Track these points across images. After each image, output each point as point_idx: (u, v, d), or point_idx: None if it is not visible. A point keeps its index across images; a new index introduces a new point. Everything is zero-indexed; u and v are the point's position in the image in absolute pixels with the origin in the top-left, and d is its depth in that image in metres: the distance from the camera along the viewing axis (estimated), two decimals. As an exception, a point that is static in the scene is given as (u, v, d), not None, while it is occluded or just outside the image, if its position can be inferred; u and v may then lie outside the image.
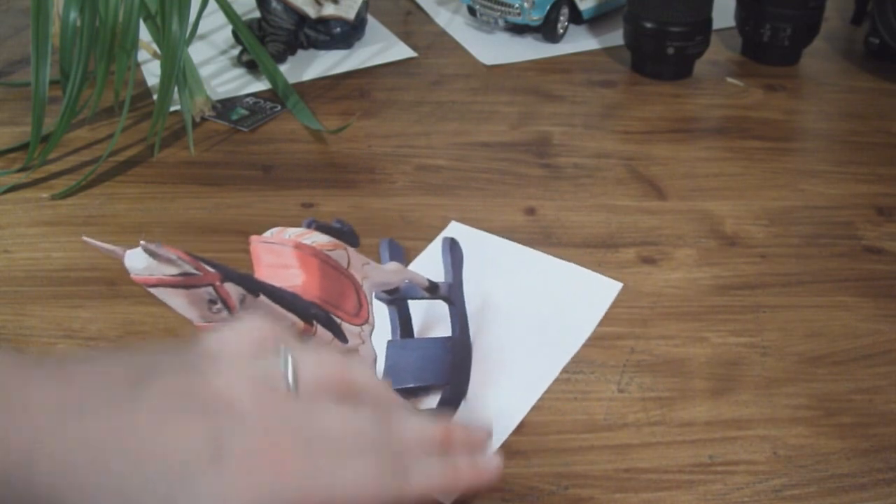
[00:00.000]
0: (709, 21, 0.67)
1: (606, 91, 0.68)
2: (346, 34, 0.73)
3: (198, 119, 0.63)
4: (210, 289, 0.28)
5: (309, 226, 0.35)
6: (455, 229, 0.51)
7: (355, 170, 0.57)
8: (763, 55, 0.71)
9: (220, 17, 0.74)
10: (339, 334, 0.33)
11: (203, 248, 0.49)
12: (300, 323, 0.31)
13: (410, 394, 0.39)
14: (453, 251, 0.47)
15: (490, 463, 0.30)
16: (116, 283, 0.47)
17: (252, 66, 0.70)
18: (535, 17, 0.73)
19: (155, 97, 0.64)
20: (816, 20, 0.69)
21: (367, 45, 0.75)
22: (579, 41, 0.76)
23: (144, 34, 0.66)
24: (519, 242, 0.49)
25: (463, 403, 0.39)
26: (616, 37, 0.74)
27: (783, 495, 0.35)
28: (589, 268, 0.47)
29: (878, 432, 0.38)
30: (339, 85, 0.69)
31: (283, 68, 0.70)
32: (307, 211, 0.52)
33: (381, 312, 0.41)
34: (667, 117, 0.64)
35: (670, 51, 0.66)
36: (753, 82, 0.68)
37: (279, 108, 0.65)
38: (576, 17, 0.77)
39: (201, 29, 0.74)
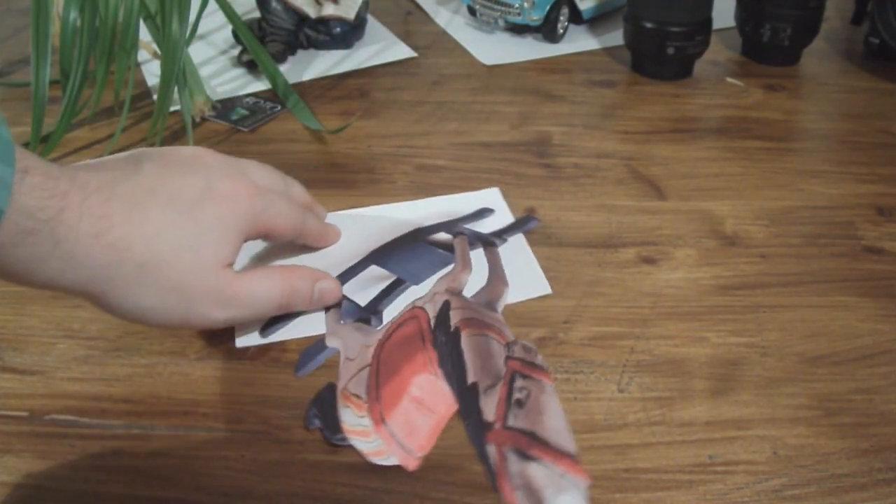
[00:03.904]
0: (709, 21, 0.67)
1: (606, 91, 0.68)
2: (346, 34, 0.74)
3: (198, 119, 0.63)
4: None
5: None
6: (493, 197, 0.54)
7: (355, 170, 0.57)
8: (763, 55, 0.71)
9: (220, 17, 0.74)
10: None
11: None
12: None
13: None
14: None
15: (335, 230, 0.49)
16: (116, 283, 0.47)
17: (252, 66, 0.70)
18: (535, 17, 0.73)
19: (155, 97, 0.64)
20: (816, 20, 0.69)
21: (367, 45, 0.75)
22: (579, 41, 0.76)
23: (144, 34, 0.66)
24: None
25: None
26: (616, 37, 0.74)
27: (783, 495, 0.35)
28: (589, 267, 0.47)
29: (878, 432, 0.38)
30: (339, 85, 0.69)
31: (283, 68, 0.70)
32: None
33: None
34: (667, 117, 0.64)
35: (670, 51, 0.67)
36: (753, 82, 0.68)
37: (279, 108, 0.65)
38: (576, 17, 0.77)
39: (201, 29, 0.74)
